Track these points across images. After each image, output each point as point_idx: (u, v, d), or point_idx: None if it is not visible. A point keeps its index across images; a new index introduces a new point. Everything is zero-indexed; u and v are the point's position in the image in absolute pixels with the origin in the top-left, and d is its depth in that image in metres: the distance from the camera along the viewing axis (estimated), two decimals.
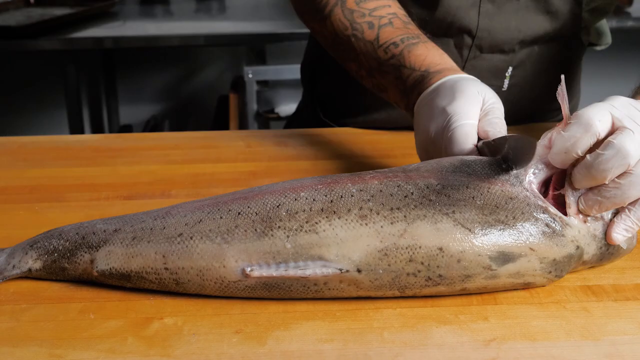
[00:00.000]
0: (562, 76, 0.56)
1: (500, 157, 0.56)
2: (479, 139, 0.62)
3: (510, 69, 0.94)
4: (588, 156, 0.52)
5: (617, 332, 0.50)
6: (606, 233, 0.55)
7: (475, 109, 0.63)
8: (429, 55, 0.74)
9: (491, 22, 0.91)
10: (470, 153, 0.61)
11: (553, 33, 0.94)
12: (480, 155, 0.61)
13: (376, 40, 0.78)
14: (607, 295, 0.55)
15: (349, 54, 0.82)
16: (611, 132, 0.52)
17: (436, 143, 0.65)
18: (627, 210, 0.55)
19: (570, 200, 0.54)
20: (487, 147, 0.60)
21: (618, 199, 0.52)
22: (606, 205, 0.53)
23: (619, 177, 0.52)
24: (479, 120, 0.63)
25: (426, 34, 0.79)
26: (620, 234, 0.55)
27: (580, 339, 0.49)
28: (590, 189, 0.54)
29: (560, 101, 0.55)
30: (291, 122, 1.21)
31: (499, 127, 0.62)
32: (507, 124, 0.63)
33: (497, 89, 0.94)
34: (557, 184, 0.56)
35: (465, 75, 0.69)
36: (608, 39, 1.03)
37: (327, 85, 1.08)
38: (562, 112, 0.55)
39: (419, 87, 0.71)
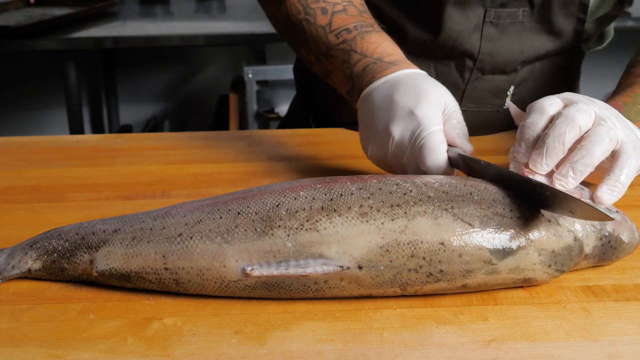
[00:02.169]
0: (507, 98, 0.63)
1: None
2: (448, 145, 0.65)
3: (512, 88, 0.94)
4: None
5: (617, 333, 0.50)
6: (593, 196, 0.56)
7: (440, 112, 0.66)
8: (382, 44, 0.75)
9: (493, 45, 0.90)
10: (444, 164, 0.64)
11: (555, 50, 0.93)
12: (452, 165, 0.64)
13: (328, 26, 0.78)
14: (607, 295, 0.55)
15: (300, 38, 0.82)
16: None
17: (401, 146, 0.66)
18: (608, 174, 0.56)
19: None
20: (462, 160, 0.63)
21: (587, 159, 0.54)
22: (579, 169, 0.54)
23: (579, 141, 0.55)
24: (443, 125, 0.66)
25: (405, 53, 0.79)
26: (605, 193, 0.55)
27: (580, 339, 0.49)
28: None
29: (511, 110, 0.63)
30: (284, 123, 1.20)
31: (462, 132, 0.66)
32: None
33: (499, 108, 0.94)
34: None
35: (419, 70, 0.71)
36: (609, 37, 1.03)
37: (318, 88, 1.07)
38: (514, 117, 0.62)
39: (370, 74, 0.71)
